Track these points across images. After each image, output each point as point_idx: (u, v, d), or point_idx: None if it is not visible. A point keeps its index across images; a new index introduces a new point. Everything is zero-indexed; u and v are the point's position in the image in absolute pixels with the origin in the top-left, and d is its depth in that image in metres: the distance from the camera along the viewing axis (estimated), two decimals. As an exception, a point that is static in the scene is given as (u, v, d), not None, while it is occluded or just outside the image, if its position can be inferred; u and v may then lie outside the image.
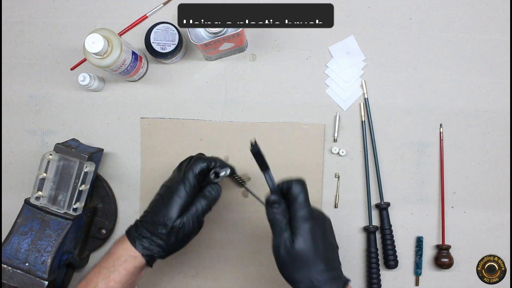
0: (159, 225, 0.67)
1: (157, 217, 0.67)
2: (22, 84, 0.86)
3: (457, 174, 0.85)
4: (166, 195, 0.69)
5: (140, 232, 0.68)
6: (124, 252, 0.67)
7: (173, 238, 0.68)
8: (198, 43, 0.74)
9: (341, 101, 0.85)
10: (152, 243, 0.68)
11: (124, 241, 0.68)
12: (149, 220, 0.68)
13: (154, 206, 0.69)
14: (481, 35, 0.85)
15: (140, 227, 0.68)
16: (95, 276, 0.67)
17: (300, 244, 0.62)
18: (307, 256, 0.62)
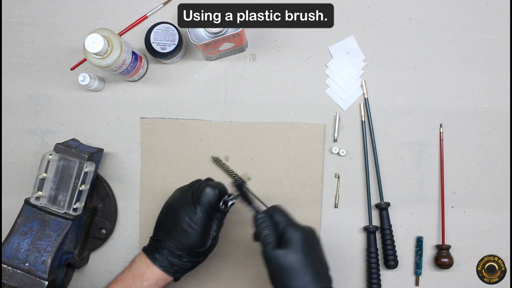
0: (187, 254, 0.70)
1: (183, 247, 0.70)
2: (22, 84, 0.86)
3: (457, 174, 0.85)
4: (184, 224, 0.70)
5: (170, 261, 0.70)
6: (154, 275, 0.70)
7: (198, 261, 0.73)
8: (198, 43, 0.74)
9: (341, 101, 0.85)
10: (182, 268, 0.71)
11: (150, 264, 0.70)
12: (174, 249, 0.70)
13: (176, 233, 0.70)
14: (481, 35, 0.85)
15: (168, 256, 0.70)
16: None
17: (290, 255, 0.64)
18: (297, 266, 0.64)
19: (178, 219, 0.69)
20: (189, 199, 0.70)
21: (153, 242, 0.72)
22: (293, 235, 0.66)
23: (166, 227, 0.71)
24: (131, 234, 0.86)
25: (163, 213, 0.73)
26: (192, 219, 0.69)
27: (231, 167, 0.85)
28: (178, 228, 0.69)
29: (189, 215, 0.69)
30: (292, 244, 0.65)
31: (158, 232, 0.72)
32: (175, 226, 0.70)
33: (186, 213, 0.69)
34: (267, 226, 0.67)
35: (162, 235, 0.71)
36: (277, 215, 0.69)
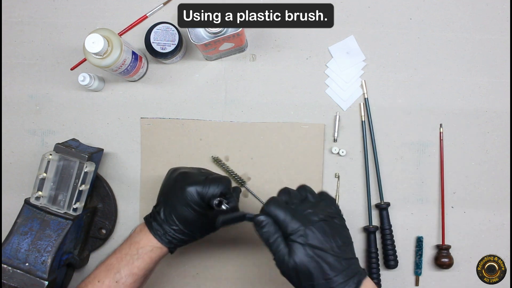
0: (181, 225, 0.70)
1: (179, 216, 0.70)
2: (22, 84, 0.86)
3: (457, 174, 0.85)
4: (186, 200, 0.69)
5: (165, 229, 0.70)
6: (149, 242, 0.70)
7: (193, 237, 0.72)
8: (198, 43, 0.74)
9: (341, 101, 0.85)
10: (175, 239, 0.70)
11: (147, 232, 0.70)
12: (170, 218, 0.70)
13: (175, 203, 0.70)
14: (481, 35, 0.85)
15: (163, 223, 0.70)
16: (117, 262, 0.69)
17: (296, 260, 0.61)
18: (307, 268, 0.61)
19: (178, 186, 0.70)
20: (196, 174, 0.71)
21: (154, 209, 0.72)
22: (298, 236, 0.61)
23: (166, 192, 0.72)
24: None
25: (166, 178, 0.74)
26: (191, 192, 0.68)
27: (231, 167, 0.85)
28: (176, 196, 0.69)
29: (190, 187, 0.69)
30: (298, 247, 0.61)
31: (159, 197, 0.73)
32: (174, 192, 0.70)
33: (188, 184, 0.69)
34: (269, 233, 0.62)
35: (162, 200, 0.72)
36: (272, 212, 0.63)
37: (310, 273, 0.61)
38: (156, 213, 0.71)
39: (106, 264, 0.70)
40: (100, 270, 0.70)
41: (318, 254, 0.61)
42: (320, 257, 0.61)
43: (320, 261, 0.61)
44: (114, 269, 0.69)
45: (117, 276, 0.68)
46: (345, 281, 0.61)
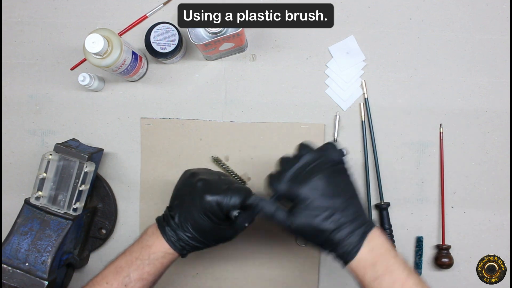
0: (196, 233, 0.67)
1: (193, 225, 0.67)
2: (22, 84, 0.86)
3: (457, 174, 0.85)
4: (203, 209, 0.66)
5: (178, 235, 0.67)
6: (162, 247, 0.67)
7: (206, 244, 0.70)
8: (198, 43, 0.74)
9: (341, 101, 0.85)
10: (188, 245, 0.68)
11: (159, 236, 0.67)
12: (184, 224, 0.67)
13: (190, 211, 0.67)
14: (481, 35, 0.85)
15: (177, 229, 0.67)
16: (127, 265, 0.67)
17: (298, 225, 0.62)
18: (312, 230, 0.62)
19: (197, 193, 0.66)
20: (216, 181, 0.67)
21: (167, 211, 0.69)
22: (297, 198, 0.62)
23: (183, 197, 0.68)
24: (131, 234, 0.86)
25: (183, 181, 0.70)
26: (210, 202, 0.65)
27: (231, 167, 0.85)
28: (194, 203, 0.66)
29: (211, 196, 0.65)
30: (298, 207, 0.62)
31: (174, 200, 0.69)
32: (192, 199, 0.66)
33: (209, 192, 0.65)
34: (265, 212, 0.64)
35: (177, 204, 0.68)
36: (274, 183, 0.64)
37: (315, 233, 0.62)
38: (170, 217, 0.68)
39: (116, 265, 0.68)
40: (109, 271, 0.67)
41: (321, 213, 0.61)
42: (323, 215, 0.61)
43: (324, 219, 0.61)
44: (124, 273, 0.67)
45: (126, 280, 0.66)
46: (350, 233, 0.61)
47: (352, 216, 0.62)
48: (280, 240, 0.85)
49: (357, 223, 0.62)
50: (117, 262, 0.68)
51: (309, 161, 0.65)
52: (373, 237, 0.62)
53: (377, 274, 0.60)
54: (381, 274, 0.60)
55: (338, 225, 0.61)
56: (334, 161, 0.65)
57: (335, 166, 0.65)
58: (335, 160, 0.65)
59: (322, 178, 0.63)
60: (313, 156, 0.65)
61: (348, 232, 0.61)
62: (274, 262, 0.85)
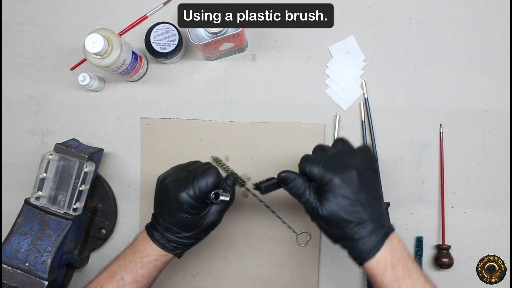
0: (183, 231, 0.69)
1: (178, 224, 0.68)
2: (22, 84, 0.86)
3: (457, 174, 0.85)
4: (174, 201, 0.68)
5: (167, 238, 0.69)
6: (153, 251, 0.69)
7: (197, 237, 0.71)
8: (198, 43, 0.74)
9: (341, 101, 0.85)
10: (180, 244, 0.70)
11: (150, 241, 0.69)
12: (169, 226, 0.68)
13: (168, 209, 0.68)
14: (481, 35, 0.85)
15: (165, 233, 0.69)
16: (120, 269, 0.68)
17: (327, 210, 0.62)
18: (336, 217, 0.62)
19: (171, 196, 0.67)
20: (183, 176, 0.69)
21: (153, 218, 0.71)
22: (329, 186, 0.62)
23: (161, 202, 0.70)
24: (131, 234, 0.86)
25: (157, 188, 0.71)
26: (181, 194, 0.67)
27: (231, 167, 0.85)
28: (171, 205, 0.68)
29: (178, 191, 0.67)
30: (329, 195, 0.62)
31: (156, 208, 0.71)
32: (169, 202, 0.68)
33: (176, 189, 0.67)
34: (295, 187, 0.65)
35: (158, 211, 0.70)
36: (308, 167, 0.65)
37: (339, 222, 0.62)
38: (156, 223, 0.70)
39: (109, 270, 0.69)
40: (102, 276, 0.69)
41: (348, 204, 0.62)
42: (350, 207, 0.62)
43: (350, 211, 0.62)
44: (117, 276, 0.68)
45: (120, 283, 0.68)
46: (372, 232, 0.62)
47: (376, 216, 0.63)
48: (280, 240, 0.85)
49: (380, 223, 0.63)
50: (110, 267, 0.69)
51: (346, 153, 0.67)
52: (393, 239, 0.63)
53: (397, 275, 0.61)
54: (401, 276, 0.61)
55: (362, 221, 0.62)
56: (369, 161, 0.67)
57: (369, 166, 0.66)
58: (369, 161, 0.67)
59: (356, 173, 0.63)
60: (349, 150, 0.68)
61: (371, 230, 0.62)
62: (274, 262, 0.85)
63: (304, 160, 0.66)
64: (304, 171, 0.65)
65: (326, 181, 0.63)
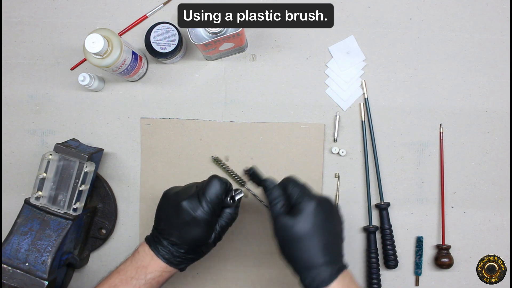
0: (189, 247, 0.69)
1: (185, 240, 0.68)
2: (22, 84, 0.86)
3: (457, 174, 0.85)
4: (187, 217, 0.67)
5: (172, 253, 0.68)
6: (158, 267, 0.68)
7: (202, 253, 0.72)
8: (198, 43, 0.74)
9: (341, 101, 0.85)
10: (185, 260, 0.70)
11: (154, 256, 0.68)
12: (177, 241, 0.68)
13: (179, 226, 0.68)
14: (481, 35, 0.85)
15: (169, 245, 0.68)
16: (121, 284, 0.67)
17: (298, 225, 0.63)
18: (304, 236, 0.63)
19: (180, 211, 0.67)
20: (193, 192, 0.68)
21: (156, 232, 0.70)
22: (305, 205, 0.64)
23: (168, 218, 0.69)
24: (131, 234, 0.86)
25: (164, 203, 0.71)
26: (195, 213, 0.67)
27: (231, 167, 0.85)
28: (180, 221, 0.67)
29: (192, 208, 0.67)
30: (302, 213, 0.64)
31: (159, 222, 0.70)
32: (177, 218, 0.67)
33: (190, 206, 0.67)
34: (277, 196, 0.67)
35: (163, 225, 0.69)
36: (290, 185, 0.67)
37: (301, 245, 0.63)
38: (162, 238, 0.69)
39: (110, 284, 0.67)
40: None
41: (316, 229, 0.63)
42: (316, 232, 0.63)
43: (316, 234, 0.63)
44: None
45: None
46: (328, 263, 0.63)
47: (336, 251, 0.65)
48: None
49: (338, 258, 0.65)
50: (111, 281, 0.68)
51: None
52: (347, 274, 0.64)
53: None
54: None
55: (321, 250, 0.63)
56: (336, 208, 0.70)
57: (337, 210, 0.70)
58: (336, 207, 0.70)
59: (331, 206, 0.67)
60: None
61: (327, 261, 0.63)
62: (274, 262, 0.85)
63: (289, 178, 0.69)
64: (285, 186, 0.68)
65: (303, 201, 0.65)
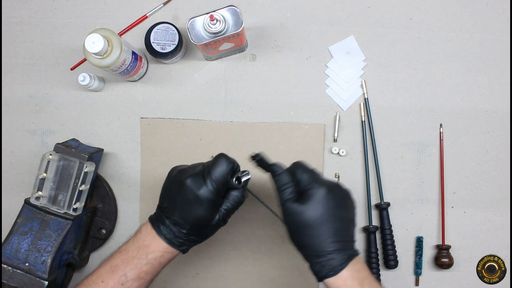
0: (192, 227, 0.67)
1: (188, 220, 0.66)
2: (22, 84, 0.86)
3: (457, 174, 0.85)
4: (190, 195, 0.66)
5: (174, 233, 0.67)
6: (159, 247, 0.67)
7: (205, 235, 0.70)
8: (198, 43, 0.74)
9: (341, 101, 0.85)
10: (187, 241, 0.68)
11: (155, 236, 0.67)
12: (179, 221, 0.66)
13: (182, 204, 0.66)
14: (481, 35, 0.85)
15: (170, 225, 0.67)
16: (123, 264, 0.66)
17: (308, 212, 0.63)
18: (314, 223, 0.63)
19: (185, 190, 0.65)
20: (198, 171, 0.67)
21: (159, 211, 0.69)
22: (315, 192, 0.63)
23: (171, 196, 0.67)
24: (131, 234, 0.85)
25: (170, 180, 0.69)
26: (198, 191, 0.65)
27: (231, 167, 0.84)
28: (183, 199, 0.66)
29: (196, 186, 0.65)
30: (312, 200, 0.63)
31: (163, 200, 0.69)
32: (181, 196, 0.66)
33: (194, 184, 0.65)
34: (286, 181, 0.65)
35: (167, 204, 0.67)
36: (299, 170, 0.66)
37: (310, 231, 0.63)
38: (164, 217, 0.67)
39: (111, 264, 0.67)
40: (104, 269, 0.67)
41: (326, 216, 0.63)
42: (327, 219, 0.63)
43: (326, 221, 0.63)
44: (120, 271, 0.66)
45: (122, 279, 0.66)
46: (339, 250, 0.62)
47: (347, 238, 0.64)
48: (280, 240, 0.85)
49: (349, 244, 0.64)
50: (113, 261, 0.67)
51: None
52: (358, 261, 0.64)
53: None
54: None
55: (332, 236, 0.63)
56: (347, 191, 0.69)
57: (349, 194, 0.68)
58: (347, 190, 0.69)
59: (341, 191, 0.66)
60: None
61: (338, 247, 0.62)
62: (274, 262, 0.85)
63: (298, 164, 0.67)
64: (294, 172, 0.66)
65: (313, 188, 0.64)
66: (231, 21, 0.74)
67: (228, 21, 0.73)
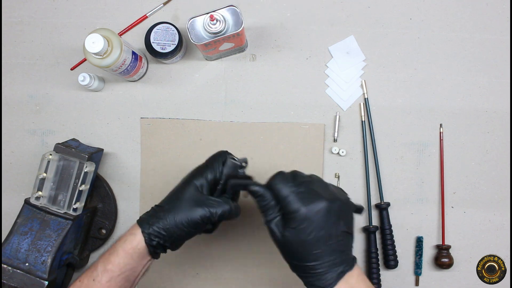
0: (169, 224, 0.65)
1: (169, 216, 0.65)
2: (22, 84, 0.86)
3: (457, 174, 0.85)
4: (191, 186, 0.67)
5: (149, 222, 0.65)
6: (127, 232, 0.66)
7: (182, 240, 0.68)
8: (198, 43, 0.74)
9: (341, 101, 0.85)
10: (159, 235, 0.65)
11: (135, 226, 0.66)
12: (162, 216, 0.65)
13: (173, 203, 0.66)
14: (481, 35, 0.85)
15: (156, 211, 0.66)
16: (98, 259, 0.66)
17: (290, 235, 0.61)
18: (301, 246, 0.61)
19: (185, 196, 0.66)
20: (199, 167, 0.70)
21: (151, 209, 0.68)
22: (300, 215, 0.60)
23: (168, 195, 0.68)
24: (131, 234, 0.86)
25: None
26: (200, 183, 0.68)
27: (231, 167, 0.84)
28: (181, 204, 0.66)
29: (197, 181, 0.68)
30: (298, 224, 0.60)
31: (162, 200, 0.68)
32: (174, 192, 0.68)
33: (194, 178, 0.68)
34: (267, 202, 0.64)
35: (168, 208, 0.66)
36: (278, 186, 0.63)
37: (298, 254, 0.61)
38: (153, 210, 0.67)
39: (93, 263, 0.67)
40: (87, 271, 0.66)
41: (310, 239, 0.60)
42: (310, 243, 0.61)
43: (308, 247, 0.61)
44: (93, 267, 0.66)
45: (94, 274, 0.65)
46: (325, 270, 0.60)
47: (334, 254, 0.61)
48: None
49: (342, 258, 0.61)
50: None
51: (318, 182, 0.65)
52: (352, 275, 0.61)
53: None
54: None
55: (320, 257, 0.61)
56: (340, 192, 0.66)
57: (340, 197, 0.64)
58: (341, 192, 0.66)
59: (326, 205, 0.61)
60: (322, 180, 0.66)
61: (328, 266, 0.60)
62: (274, 262, 0.85)
63: (276, 179, 0.64)
64: (273, 188, 0.63)
65: (292, 210, 0.61)
66: (231, 21, 0.74)
67: (228, 21, 0.73)
